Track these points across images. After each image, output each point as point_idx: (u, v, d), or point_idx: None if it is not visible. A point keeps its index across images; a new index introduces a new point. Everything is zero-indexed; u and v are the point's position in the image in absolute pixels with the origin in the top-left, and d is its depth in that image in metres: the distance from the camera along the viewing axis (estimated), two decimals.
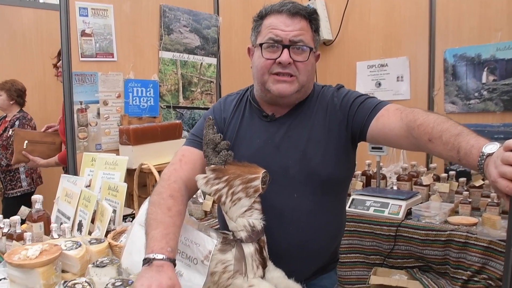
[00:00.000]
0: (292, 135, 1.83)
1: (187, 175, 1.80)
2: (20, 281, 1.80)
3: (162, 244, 1.53)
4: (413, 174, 3.91)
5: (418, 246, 3.34)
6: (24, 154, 4.46)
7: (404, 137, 1.60)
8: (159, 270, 1.46)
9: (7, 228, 2.61)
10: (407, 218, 3.46)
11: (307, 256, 1.85)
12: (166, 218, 1.62)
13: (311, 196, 1.81)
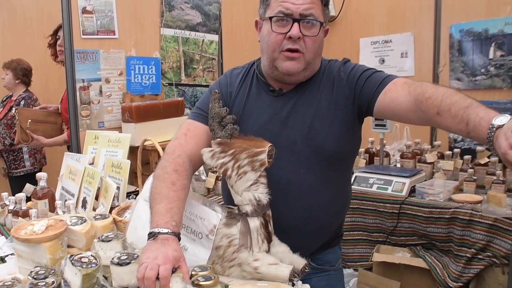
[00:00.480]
0: (299, 110, 1.81)
1: (192, 150, 1.79)
2: (27, 256, 1.81)
3: (167, 218, 1.54)
4: (416, 152, 3.89)
5: (421, 223, 3.34)
6: (28, 133, 4.45)
7: (412, 111, 1.58)
8: (164, 243, 1.47)
9: (12, 205, 2.62)
10: (411, 195, 3.46)
11: (312, 231, 1.85)
12: (171, 193, 1.62)
13: (317, 171, 1.80)
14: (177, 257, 1.45)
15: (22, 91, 4.80)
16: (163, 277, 1.38)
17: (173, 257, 1.43)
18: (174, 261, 1.43)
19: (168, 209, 1.56)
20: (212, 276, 1.54)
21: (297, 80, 1.83)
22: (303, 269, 1.64)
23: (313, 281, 1.75)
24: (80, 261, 1.55)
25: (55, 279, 1.58)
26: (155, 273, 1.38)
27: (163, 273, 1.38)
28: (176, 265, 1.44)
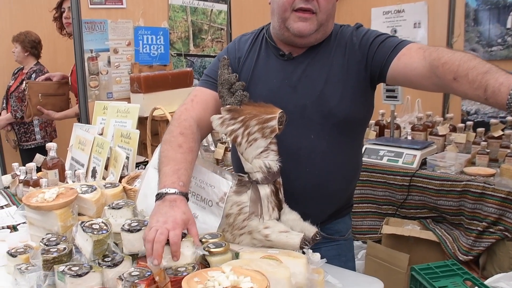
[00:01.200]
0: (309, 75, 1.77)
1: (198, 115, 1.78)
2: (38, 224, 1.81)
3: (174, 178, 1.53)
4: (428, 124, 3.85)
5: (432, 196, 3.32)
6: (39, 108, 4.46)
7: (426, 77, 1.54)
8: (172, 205, 1.47)
9: (23, 175, 2.63)
10: (422, 168, 3.44)
11: (322, 198, 1.84)
12: (177, 155, 1.62)
13: (327, 137, 1.77)
14: (186, 220, 1.45)
15: (33, 63, 4.78)
16: (173, 243, 1.38)
17: (182, 221, 1.43)
18: (183, 225, 1.43)
19: (175, 170, 1.56)
20: (223, 243, 1.54)
21: (308, 43, 1.79)
22: (314, 237, 1.62)
23: (322, 251, 1.74)
24: (91, 227, 1.55)
25: (67, 245, 1.59)
26: (165, 238, 1.38)
27: (173, 239, 1.38)
28: (185, 228, 1.44)
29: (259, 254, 1.53)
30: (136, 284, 1.38)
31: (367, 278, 1.78)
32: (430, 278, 2.38)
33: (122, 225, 1.56)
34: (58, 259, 1.52)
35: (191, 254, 1.45)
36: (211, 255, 1.50)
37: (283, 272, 1.38)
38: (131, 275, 1.42)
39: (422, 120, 3.88)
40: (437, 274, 2.41)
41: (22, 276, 1.63)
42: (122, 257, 1.53)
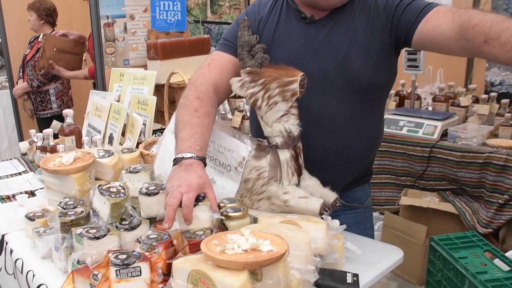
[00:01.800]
0: (332, 39, 1.71)
1: (215, 79, 1.74)
2: (56, 188, 1.80)
3: (190, 143, 1.51)
4: (450, 96, 3.79)
5: (452, 168, 3.28)
6: (51, 63, 4.44)
7: (455, 40, 1.48)
8: (188, 169, 1.44)
9: (40, 141, 2.63)
10: (442, 139, 3.39)
11: (342, 165, 1.80)
12: (193, 119, 1.59)
13: (350, 102, 1.72)
14: (202, 184, 1.42)
15: (49, 31, 4.76)
16: (185, 206, 1.36)
17: (197, 185, 1.40)
18: (198, 189, 1.40)
19: (191, 134, 1.54)
20: (242, 208, 1.52)
21: (332, 5, 1.72)
22: (333, 203, 1.60)
23: (341, 218, 1.71)
24: (108, 190, 1.54)
25: (84, 209, 1.58)
26: (177, 202, 1.35)
27: (185, 202, 1.36)
28: (201, 192, 1.42)
29: (278, 219, 1.51)
30: (153, 246, 1.37)
31: (387, 246, 1.75)
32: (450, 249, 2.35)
33: (140, 189, 1.55)
34: (75, 222, 1.51)
35: (207, 218, 1.43)
36: (229, 219, 1.49)
37: (303, 236, 1.36)
38: (149, 237, 1.41)
39: (443, 91, 3.82)
40: (457, 245, 2.38)
41: (40, 238, 1.64)
42: (139, 221, 1.52)
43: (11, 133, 5.77)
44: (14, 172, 2.61)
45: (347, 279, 1.45)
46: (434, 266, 2.45)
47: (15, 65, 5.05)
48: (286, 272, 1.22)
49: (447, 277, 2.31)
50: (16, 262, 1.69)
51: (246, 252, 1.18)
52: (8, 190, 2.30)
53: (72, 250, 1.47)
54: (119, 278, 1.23)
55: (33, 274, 1.57)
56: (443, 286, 2.36)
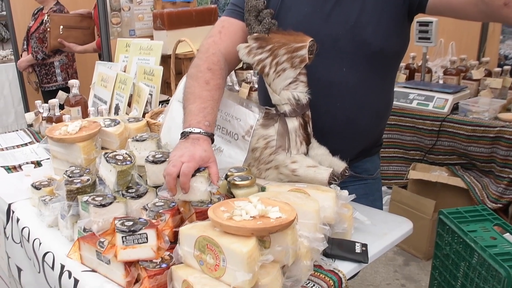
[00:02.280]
0: (343, 4, 1.66)
1: (226, 48, 1.70)
2: (61, 157, 1.78)
3: (199, 118, 1.48)
4: (461, 69, 3.73)
5: (462, 142, 3.25)
6: (60, 41, 4.41)
7: (472, 4, 1.43)
8: (194, 143, 1.42)
9: (46, 112, 2.61)
10: (453, 113, 3.35)
11: (352, 134, 1.77)
12: (204, 92, 1.56)
13: (360, 70, 1.68)
14: (205, 157, 1.39)
15: (53, 3, 4.70)
16: (182, 174, 1.33)
17: (200, 157, 1.38)
18: (200, 161, 1.38)
19: (201, 108, 1.51)
20: (249, 177, 1.50)
21: None
22: (343, 173, 1.58)
23: (350, 189, 1.68)
24: (114, 158, 1.52)
25: (90, 177, 1.56)
26: (176, 170, 1.33)
27: (183, 170, 1.33)
28: (203, 165, 1.39)
29: (287, 188, 1.48)
30: (160, 214, 1.35)
31: (396, 218, 1.73)
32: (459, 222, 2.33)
33: (146, 157, 1.53)
34: (81, 190, 1.49)
35: (204, 190, 1.39)
36: (237, 188, 1.47)
37: (312, 205, 1.34)
38: (156, 205, 1.39)
39: (455, 64, 3.76)
40: (466, 218, 2.37)
41: (46, 207, 1.63)
42: (146, 189, 1.51)
43: (17, 106, 5.77)
44: (21, 143, 2.59)
45: (356, 249, 1.44)
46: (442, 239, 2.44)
47: (20, 38, 5.00)
48: (295, 239, 1.20)
49: (456, 250, 2.30)
50: (22, 230, 1.68)
51: (254, 219, 1.16)
52: (14, 160, 2.29)
53: (78, 218, 1.46)
54: (125, 245, 1.22)
55: (39, 242, 1.56)
56: (451, 259, 2.35)
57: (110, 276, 1.30)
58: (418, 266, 3.51)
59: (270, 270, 1.15)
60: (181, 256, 1.20)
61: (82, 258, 1.39)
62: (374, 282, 3.35)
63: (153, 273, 1.19)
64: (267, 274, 1.14)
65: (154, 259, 1.24)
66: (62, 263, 1.42)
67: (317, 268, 1.35)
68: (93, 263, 1.35)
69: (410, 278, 3.38)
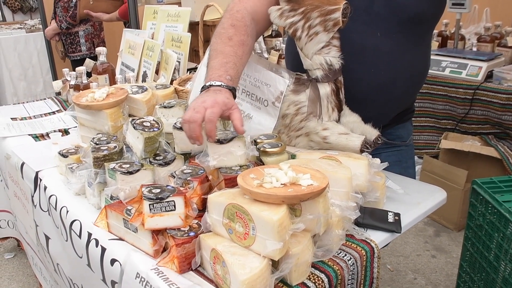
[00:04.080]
0: None
1: (253, 6, 1.63)
2: (88, 124, 1.78)
3: (221, 72, 1.43)
4: (496, 36, 3.62)
5: (496, 111, 3.17)
6: (86, 12, 4.40)
7: None
8: (215, 91, 1.36)
9: (73, 80, 2.60)
10: (487, 81, 3.26)
11: (386, 101, 1.71)
12: (226, 48, 1.50)
13: (395, 34, 1.62)
14: (228, 103, 1.33)
15: None
16: (208, 121, 1.28)
17: (223, 102, 1.32)
18: (223, 106, 1.32)
19: (222, 63, 1.45)
20: (279, 144, 1.47)
21: None
22: (375, 141, 1.53)
23: (382, 156, 1.64)
24: (142, 124, 1.49)
25: (117, 144, 1.55)
26: (201, 116, 1.28)
27: (208, 116, 1.28)
28: (226, 111, 1.33)
29: (318, 155, 1.45)
30: (188, 181, 1.33)
31: (429, 187, 1.69)
32: (493, 192, 2.28)
33: (174, 123, 1.51)
34: (108, 157, 1.48)
35: (242, 154, 1.38)
36: (267, 155, 1.43)
37: (344, 172, 1.30)
38: (184, 172, 1.37)
39: (490, 31, 3.66)
40: (501, 188, 2.31)
41: (73, 174, 1.63)
42: (174, 156, 1.49)
43: (45, 75, 5.82)
44: (48, 111, 2.60)
45: (389, 218, 1.41)
46: (475, 210, 2.38)
47: (48, 7, 5.00)
48: (327, 208, 1.16)
49: (490, 221, 2.25)
50: (50, 198, 1.68)
51: (285, 186, 1.12)
52: (42, 128, 2.30)
53: (105, 185, 1.45)
54: (152, 213, 1.19)
55: (66, 210, 1.56)
56: (484, 230, 2.29)
57: (137, 244, 1.29)
58: (449, 237, 3.46)
59: (301, 239, 1.12)
60: (209, 224, 1.17)
61: (109, 226, 1.38)
62: (404, 253, 3.31)
63: (181, 241, 1.17)
64: (298, 243, 1.11)
65: (182, 227, 1.22)
66: (89, 231, 1.42)
67: (349, 237, 1.32)
68: (120, 231, 1.34)
69: (441, 249, 3.34)
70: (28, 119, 2.48)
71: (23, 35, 5.87)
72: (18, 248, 3.24)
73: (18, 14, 7.88)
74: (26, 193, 1.94)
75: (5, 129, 2.31)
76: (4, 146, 2.18)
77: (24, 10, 7.93)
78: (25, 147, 2.10)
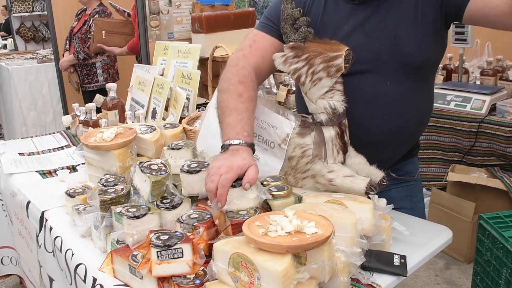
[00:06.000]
0: (382, 19, 1.64)
1: (256, 62, 1.70)
2: (97, 164, 1.79)
3: (238, 129, 1.48)
4: (498, 69, 3.68)
5: (501, 143, 3.21)
6: (100, 45, 4.47)
7: (508, 14, 1.43)
8: (233, 153, 1.43)
9: (83, 115, 2.63)
10: (491, 114, 3.31)
11: (397, 143, 1.76)
12: (239, 104, 1.55)
13: (403, 81, 1.67)
14: (244, 165, 1.39)
15: (96, 4, 4.77)
16: (220, 186, 1.34)
17: (238, 166, 1.38)
18: (238, 170, 1.38)
19: (238, 120, 1.51)
20: (285, 187, 1.49)
21: None
22: (380, 182, 1.54)
23: (392, 192, 1.68)
24: (149, 168, 1.51)
25: (125, 186, 1.56)
26: (215, 186, 1.35)
27: (221, 181, 1.35)
28: (242, 172, 1.39)
29: (323, 198, 1.46)
30: (195, 227, 1.34)
31: (435, 226, 1.69)
32: (499, 227, 2.29)
33: (182, 166, 1.52)
34: (115, 200, 1.49)
35: (254, 197, 1.41)
36: (273, 198, 1.45)
37: (349, 217, 1.31)
38: (190, 217, 1.39)
39: (492, 65, 3.72)
40: (507, 223, 2.32)
41: (79, 216, 1.63)
42: (181, 199, 1.50)
43: (56, 106, 5.84)
44: (57, 146, 2.62)
45: (394, 261, 1.41)
46: (483, 245, 2.39)
47: (61, 37, 5.08)
48: (332, 255, 1.18)
49: (497, 256, 2.25)
50: (55, 240, 1.68)
51: (289, 235, 1.14)
52: (50, 165, 2.31)
53: (111, 229, 1.46)
54: (160, 260, 1.21)
55: (72, 253, 1.56)
56: (492, 265, 2.30)
57: None
58: (459, 269, 3.45)
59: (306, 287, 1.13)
60: (215, 272, 1.19)
61: (115, 271, 1.39)
62: (415, 287, 3.30)
63: None
64: None
65: (189, 274, 1.23)
66: (95, 276, 1.42)
67: (355, 282, 1.32)
68: (125, 276, 1.35)
69: (452, 282, 3.32)
70: (36, 154, 2.50)
71: (35, 65, 5.91)
72: (21, 285, 3.19)
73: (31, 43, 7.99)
74: (31, 232, 1.93)
75: (12, 165, 2.31)
76: (11, 183, 2.17)
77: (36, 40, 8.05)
78: (31, 184, 2.10)
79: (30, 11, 7.91)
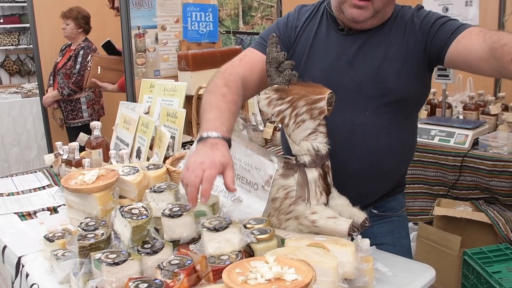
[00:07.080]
0: (367, 51, 1.73)
1: (244, 72, 1.73)
2: (77, 207, 1.76)
3: (217, 123, 1.47)
4: (480, 104, 3.74)
5: (484, 177, 3.22)
6: (93, 81, 4.46)
7: (485, 60, 1.49)
8: (213, 147, 1.40)
9: (66, 154, 2.61)
10: (474, 148, 3.34)
11: (377, 177, 1.78)
12: (221, 104, 1.56)
13: (383, 114, 1.72)
14: (225, 163, 1.38)
15: (81, 40, 4.78)
16: (205, 181, 1.32)
17: (220, 163, 1.37)
18: (221, 168, 1.36)
19: (218, 116, 1.51)
20: (268, 230, 1.49)
21: (364, 27, 1.75)
22: (363, 223, 1.56)
23: (374, 228, 1.72)
24: (130, 212, 1.50)
25: (105, 231, 1.54)
26: (199, 181, 1.33)
27: (206, 177, 1.33)
28: (223, 171, 1.38)
29: (306, 242, 1.46)
30: (176, 273, 1.33)
31: (419, 265, 1.70)
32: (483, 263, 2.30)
33: (163, 210, 1.52)
34: (95, 246, 1.47)
35: (238, 241, 1.41)
36: (256, 242, 1.45)
37: (330, 261, 1.31)
38: (171, 263, 1.37)
39: (473, 99, 3.78)
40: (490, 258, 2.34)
41: (57, 262, 1.59)
42: (162, 244, 1.49)
43: (40, 141, 5.76)
44: (38, 186, 2.58)
45: None
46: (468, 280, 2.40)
47: (46, 72, 5.03)
48: None
49: None
50: (32, 287, 1.63)
51: (269, 282, 1.13)
52: (30, 206, 2.27)
53: (90, 275, 1.43)
54: None
55: None
56: None
57: None
58: None
59: None
60: None
61: None
62: None
63: None
64: None
65: None
66: None
67: None
68: None
69: None
70: (16, 195, 2.45)
71: (19, 100, 5.87)
72: None
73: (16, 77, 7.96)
74: (6, 279, 1.88)
75: None
76: None
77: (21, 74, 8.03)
78: (9, 227, 2.05)
79: (15, 44, 7.92)
